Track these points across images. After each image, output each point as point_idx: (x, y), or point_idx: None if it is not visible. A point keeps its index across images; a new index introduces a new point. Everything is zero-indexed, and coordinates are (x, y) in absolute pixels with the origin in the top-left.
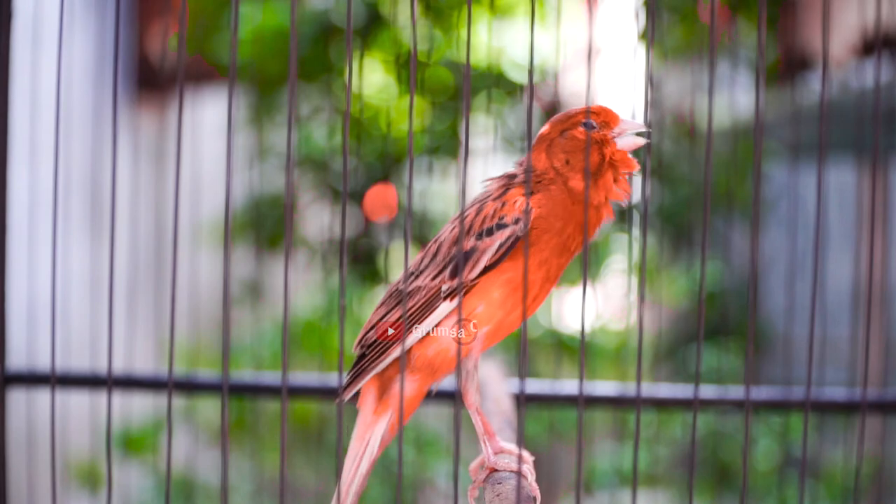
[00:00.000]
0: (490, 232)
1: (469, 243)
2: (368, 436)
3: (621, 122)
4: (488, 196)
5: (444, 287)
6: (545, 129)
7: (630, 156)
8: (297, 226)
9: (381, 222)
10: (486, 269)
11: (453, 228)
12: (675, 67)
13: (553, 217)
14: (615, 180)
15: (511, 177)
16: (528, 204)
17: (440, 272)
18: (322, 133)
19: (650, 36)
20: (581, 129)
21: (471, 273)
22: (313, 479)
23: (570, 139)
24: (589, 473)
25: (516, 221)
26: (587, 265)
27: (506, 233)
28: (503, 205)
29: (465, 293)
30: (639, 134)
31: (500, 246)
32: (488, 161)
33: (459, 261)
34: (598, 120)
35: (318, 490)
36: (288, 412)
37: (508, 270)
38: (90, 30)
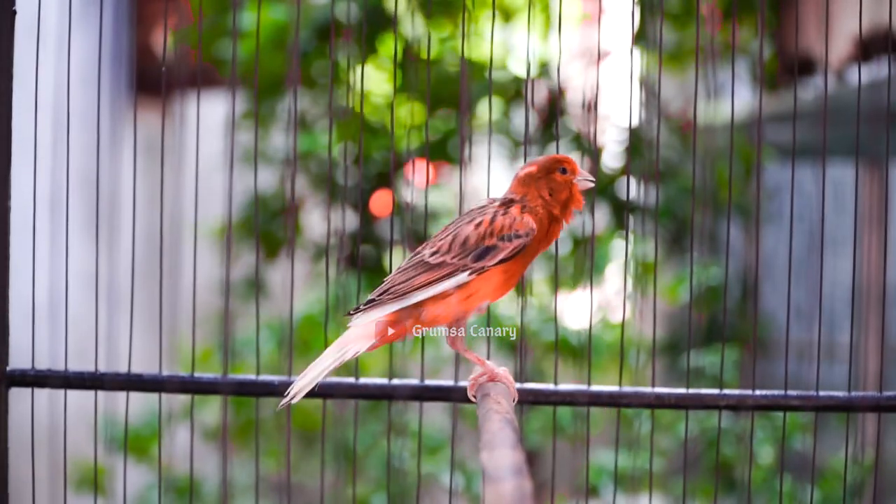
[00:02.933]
0: (510, 238)
1: (492, 241)
2: (348, 345)
3: (579, 171)
4: (495, 213)
5: (468, 266)
6: (532, 169)
7: (581, 194)
8: (300, 226)
9: (386, 220)
10: (499, 262)
11: (478, 226)
12: (673, 68)
13: (539, 233)
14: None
15: (507, 202)
16: (532, 223)
17: (465, 256)
18: (323, 134)
19: (657, 39)
20: (559, 173)
21: (490, 262)
22: (316, 479)
23: (551, 180)
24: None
25: (527, 234)
26: (593, 267)
27: (520, 241)
28: (514, 220)
29: (478, 275)
30: (588, 181)
31: (513, 249)
32: (488, 161)
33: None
34: (568, 167)
35: (323, 490)
36: (291, 413)
37: (510, 265)
38: (90, 29)
